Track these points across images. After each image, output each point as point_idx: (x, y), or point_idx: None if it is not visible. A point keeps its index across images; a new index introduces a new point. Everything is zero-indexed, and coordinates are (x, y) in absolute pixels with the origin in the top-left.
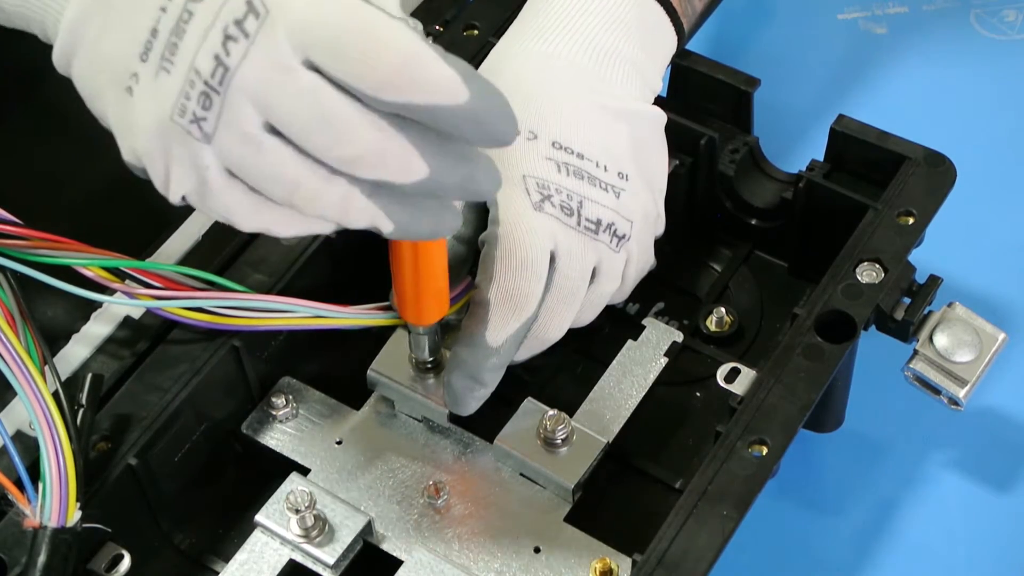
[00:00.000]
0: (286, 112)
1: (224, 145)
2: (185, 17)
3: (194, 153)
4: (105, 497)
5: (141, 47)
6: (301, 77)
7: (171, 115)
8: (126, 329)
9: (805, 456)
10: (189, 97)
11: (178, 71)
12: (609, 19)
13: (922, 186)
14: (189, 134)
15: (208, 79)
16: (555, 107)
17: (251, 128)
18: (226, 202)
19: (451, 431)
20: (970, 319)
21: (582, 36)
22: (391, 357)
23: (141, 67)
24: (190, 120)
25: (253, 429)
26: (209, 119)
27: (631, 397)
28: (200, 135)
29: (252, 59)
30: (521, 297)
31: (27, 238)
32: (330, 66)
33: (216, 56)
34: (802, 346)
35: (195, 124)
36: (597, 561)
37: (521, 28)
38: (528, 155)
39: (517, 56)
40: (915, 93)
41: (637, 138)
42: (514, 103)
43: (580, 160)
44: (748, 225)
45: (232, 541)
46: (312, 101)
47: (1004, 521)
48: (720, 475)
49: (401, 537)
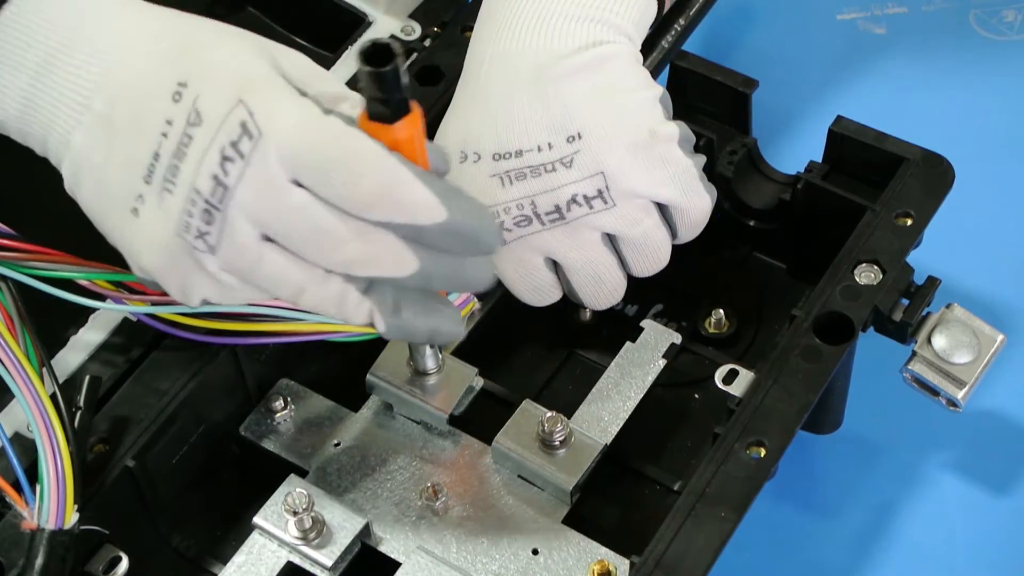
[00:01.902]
0: (280, 226)
1: (228, 257)
2: (185, 141)
3: (203, 263)
4: (103, 499)
5: (145, 170)
6: (292, 195)
7: (176, 232)
8: (123, 332)
9: (803, 458)
10: (192, 215)
11: (180, 191)
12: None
13: (920, 187)
14: (195, 248)
15: (208, 198)
16: (493, 114)
17: (250, 241)
18: (248, 297)
19: (449, 433)
20: (968, 320)
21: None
22: (390, 361)
23: (145, 189)
24: (195, 236)
25: (251, 431)
26: (212, 233)
27: (629, 399)
28: (205, 248)
29: (248, 179)
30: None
31: (23, 251)
32: (317, 188)
33: (215, 176)
34: (800, 347)
35: (200, 239)
36: (595, 563)
37: (483, 27)
38: (474, 182)
39: (481, 64)
40: (914, 94)
41: (595, 84)
42: (470, 126)
43: (519, 158)
44: (746, 226)
45: (230, 543)
46: (303, 216)
47: (1003, 522)
48: (718, 477)
49: (399, 539)
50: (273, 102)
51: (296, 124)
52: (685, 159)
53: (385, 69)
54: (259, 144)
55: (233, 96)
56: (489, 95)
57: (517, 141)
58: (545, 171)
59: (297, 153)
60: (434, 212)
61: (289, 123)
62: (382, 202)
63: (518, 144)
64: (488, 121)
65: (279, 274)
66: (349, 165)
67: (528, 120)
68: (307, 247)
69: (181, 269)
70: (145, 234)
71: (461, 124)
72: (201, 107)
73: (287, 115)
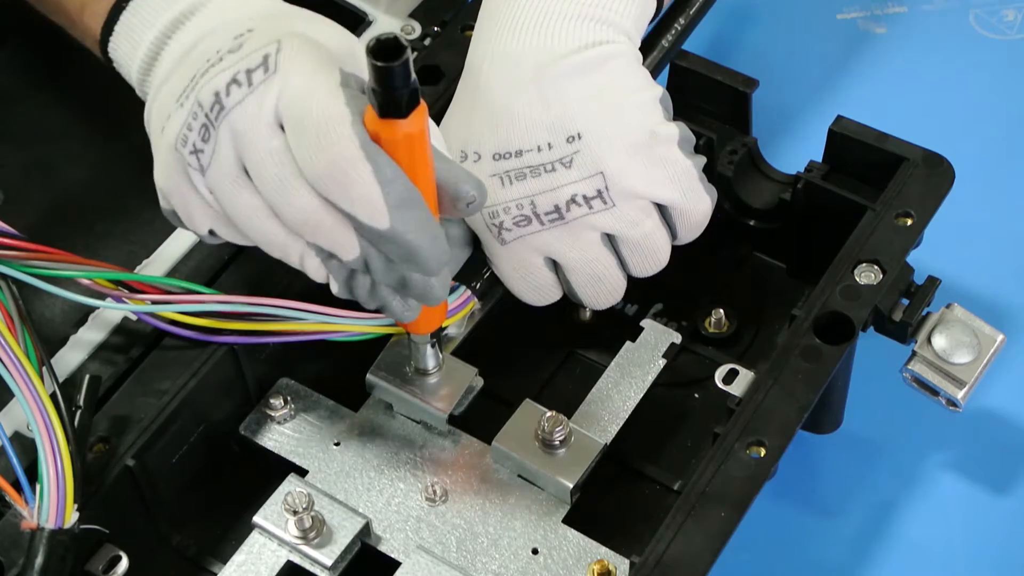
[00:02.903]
0: (255, 163)
1: (213, 180)
2: (215, 61)
3: (195, 182)
4: (103, 498)
5: (180, 91)
6: (275, 138)
7: (175, 144)
8: (123, 332)
9: (803, 457)
10: (191, 128)
11: (188, 103)
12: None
13: (920, 187)
14: (189, 165)
15: (208, 112)
16: (493, 114)
17: (232, 169)
18: (241, 238)
19: (449, 433)
20: (968, 320)
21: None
22: (390, 361)
23: (174, 108)
24: (190, 151)
25: (251, 430)
26: (206, 152)
27: (629, 398)
28: (198, 166)
29: (245, 106)
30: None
31: (25, 250)
32: (291, 141)
33: (217, 93)
34: (800, 347)
35: (194, 155)
36: (595, 563)
37: (483, 26)
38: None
39: (482, 63)
40: (914, 93)
41: (595, 85)
42: (471, 125)
43: (519, 158)
44: (746, 226)
45: (230, 542)
46: (272, 161)
47: (1002, 522)
48: (718, 476)
49: (399, 539)
50: (304, 53)
51: (308, 77)
52: (685, 160)
53: (395, 64)
54: (270, 80)
55: (276, 37)
56: (490, 95)
57: (517, 141)
58: (545, 171)
59: (292, 103)
60: (377, 216)
61: (304, 71)
62: (331, 182)
63: (518, 144)
64: (489, 121)
65: (251, 216)
66: (320, 135)
67: (529, 120)
68: (270, 192)
69: (181, 188)
70: (160, 149)
71: (462, 124)
72: (246, 41)
73: (307, 66)
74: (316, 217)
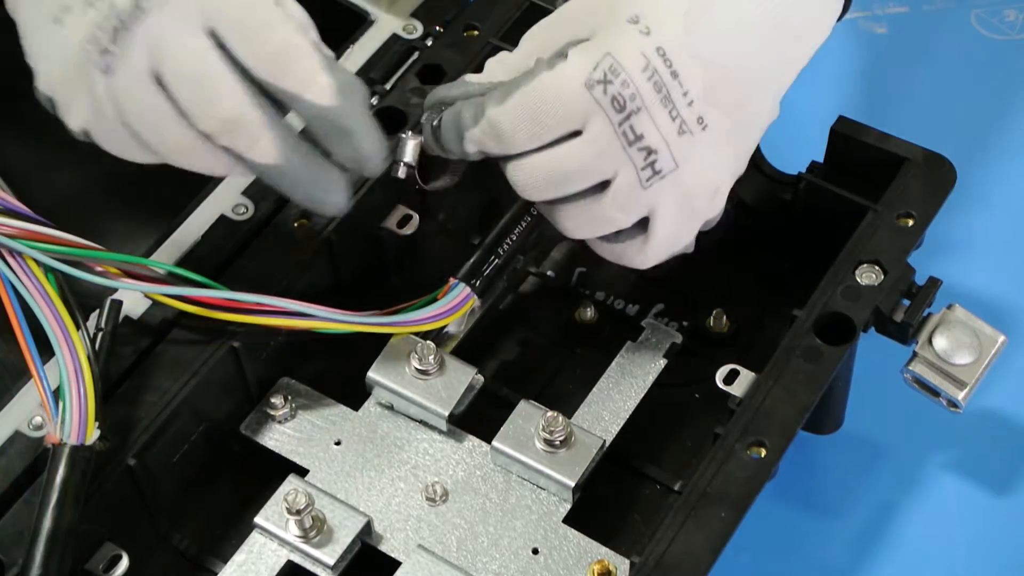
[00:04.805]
0: (173, 64)
1: (118, 84)
2: None
3: (94, 82)
4: (104, 497)
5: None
6: (198, 40)
7: (84, 41)
8: (124, 330)
9: (804, 458)
10: (104, 29)
11: (102, 5)
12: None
13: (922, 188)
14: (92, 64)
15: (124, 17)
16: (689, 26)
17: (142, 75)
18: (117, 146)
19: (450, 432)
20: (969, 321)
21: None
22: (390, 360)
23: (74, 2)
24: (99, 51)
25: (252, 430)
26: (115, 54)
27: (630, 398)
28: (103, 67)
29: (166, 11)
30: (509, 135)
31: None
32: (228, 38)
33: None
34: (801, 348)
35: (102, 56)
36: (595, 563)
37: None
38: (627, 41)
39: None
40: (915, 93)
41: (760, 104)
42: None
43: (672, 79)
44: (748, 226)
45: (230, 542)
46: (197, 61)
47: (1003, 523)
48: (719, 477)
49: (399, 538)
50: None
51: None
52: (710, 214)
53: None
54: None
55: None
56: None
57: (686, 69)
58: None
59: (225, 5)
60: (325, 94)
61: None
62: (277, 67)
63: (682, 69)
64: (690, 26)
65: (159, 120)
66: (263, 26)
67: (710, 69)
68: (188, 93)
69: (73, 83)
70: (56, 42)
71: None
72: None
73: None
74: (243, 113)
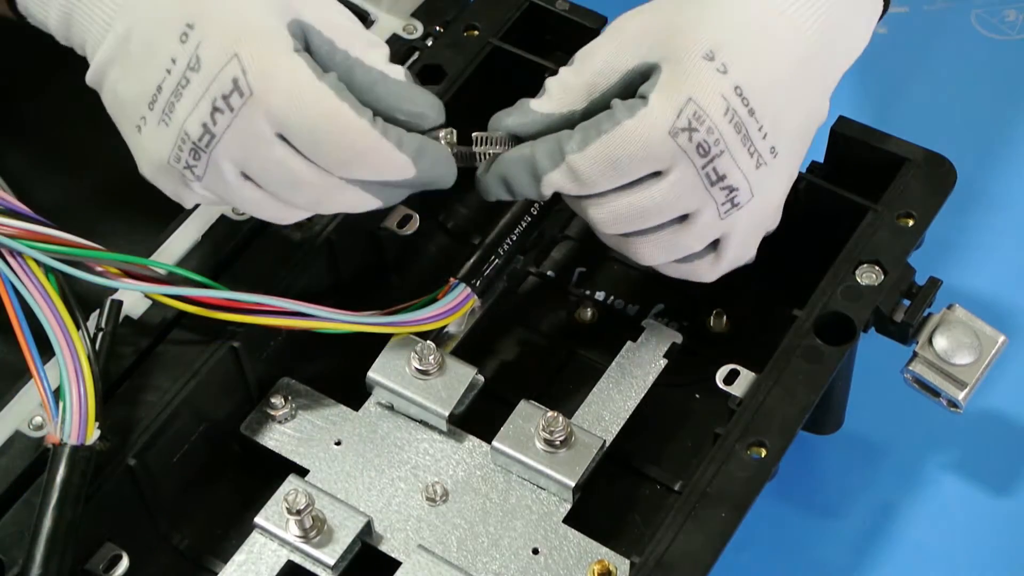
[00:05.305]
0: (260, 173)
1: (211, 185)
2: (183, 83)
3: (191, 186)
4: (104, 497)
5: (149, 97)
6: (274, 148)
7: (168, 160)
8: (124, 330)
9: (805, 458)
10: (182, 150)
11: (173, 129)
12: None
13: (922, 188)
14: (184, 176)
15: (196, 141)
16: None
17: (232, 178)
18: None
19: (450, 432)
20: (970, 321)
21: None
22: (390, 360)
23: (148, 113)
24: (184, 166)
25: (252, 430)
26: (199, 167)
27: (630, 398)
28: (192, 177)
29: (234, 130)
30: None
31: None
32: (300, 146)
33: (204, 124)
34: (801, 348)
35: (188, 169)
36: (595, 563)
37: None
38: (707, 85)
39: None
40: (915, 93)
41: (813, 121)
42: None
43: (749, 116)
44: None
45: (230, 542)
46: (282, 169)
47: (1004, 523)
48: (719, 477)
49: (400, 538)
50: (267, 59)
51: (287, 87)
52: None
53: None
54: (248, 102)
55: (230, 48)
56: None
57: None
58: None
59: (285, 115)
60: (405, 171)
61: (280, 85)
62: (359, 165)
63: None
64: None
65: (255, 205)
66: (332, 130)
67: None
68: (282, 191)
69: (173, 185)
70: (145, 149)
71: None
72: (201, 54)
73: (279, 76)
74: (337, 199)
